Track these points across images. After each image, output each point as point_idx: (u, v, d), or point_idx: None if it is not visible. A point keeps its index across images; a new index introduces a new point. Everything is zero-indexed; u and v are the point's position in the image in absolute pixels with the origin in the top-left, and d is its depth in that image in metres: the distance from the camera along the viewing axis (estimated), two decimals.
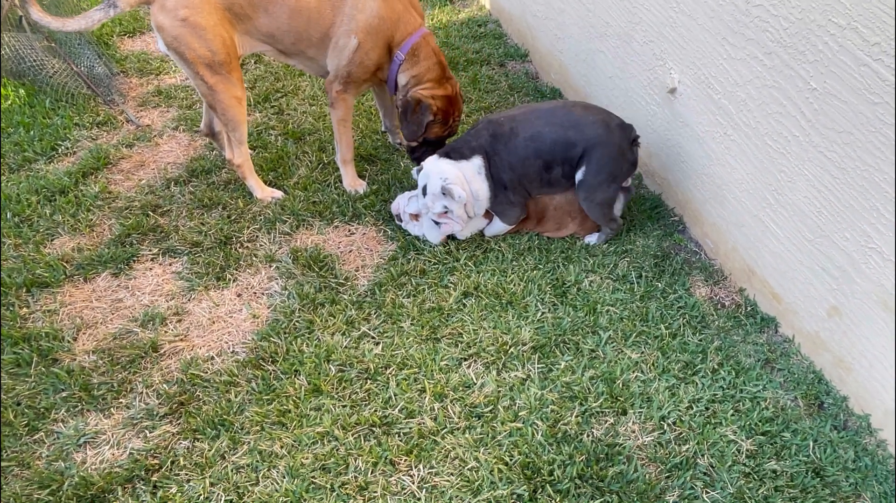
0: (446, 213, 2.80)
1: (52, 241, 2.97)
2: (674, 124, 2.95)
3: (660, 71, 2.96)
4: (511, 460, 2.07)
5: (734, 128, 2.55)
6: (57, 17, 2.74)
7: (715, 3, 2.51)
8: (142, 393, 2.31)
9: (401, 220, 3.04)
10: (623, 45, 3.24)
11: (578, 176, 2.77)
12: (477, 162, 2.80)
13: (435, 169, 2.77)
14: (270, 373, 2.37)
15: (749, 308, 2.67)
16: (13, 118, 3.75)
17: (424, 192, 2.79)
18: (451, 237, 2.97)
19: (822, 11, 2.04)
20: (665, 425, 2.19)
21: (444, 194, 2.73)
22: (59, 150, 3.56)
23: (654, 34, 2.95)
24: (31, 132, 3.65)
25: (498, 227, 2.98)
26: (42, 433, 2.19)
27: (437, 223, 2.89)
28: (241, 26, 2.82)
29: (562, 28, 3.91)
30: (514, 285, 2.72)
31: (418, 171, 2.87)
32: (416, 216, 2.96)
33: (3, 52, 4.03)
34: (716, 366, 2.40)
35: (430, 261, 2.86)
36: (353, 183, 3.29)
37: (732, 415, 2.23)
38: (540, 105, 2.93)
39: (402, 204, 3.00)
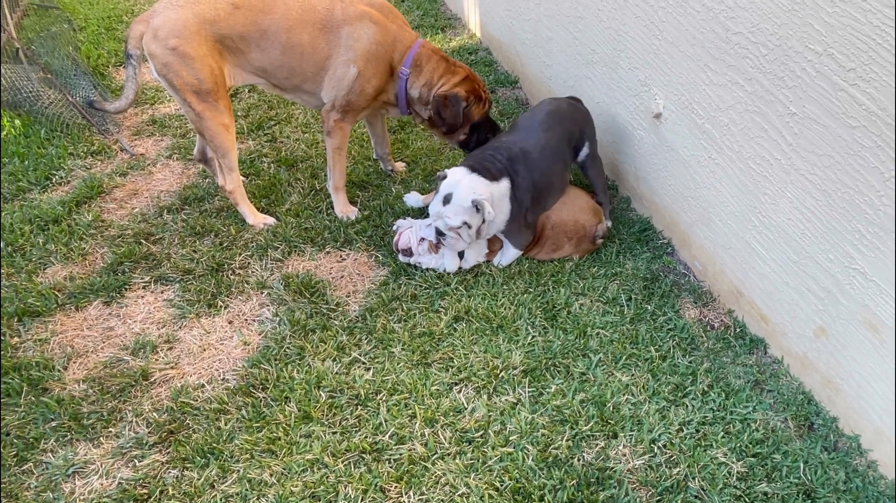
0: (459, 228, 2.73)
1: (44, 270, 2.98)
2: (660, 148, 2.99)
3: (645, 97, 3.01)
4: (502, 485, 2.06)
5: (718, 151, 2.59)
6: (118, 98, 3.02)
7: (696, 30, 2.57)
8: (131, 422, 2.30)
9: (408, 256, 2.95)
10: (609, 72, 3.30)
11: (582, 155, 3.13)
12: (505, 184, 2.81)
13: (468, 182, 2.72)
14: (261, 401, 2.36)
15: (738, 329, 2.68)
16: (9, 148, 3.79)
17: (446, 201, 2.72)
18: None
19: (799, 38, 2.10)
20: (656, 448, 2.19)
21: (475, 209, 2.70)
22: (54, 180, 3.59)
23: (638, 61, 3.01)
24: (26, 162, 3.69)
25: (511, 253, 2.98)
26: (31, 464, 2.17)
27: (440, 237, 2.80)
28: (233, 59, 2.87)
29: (550, 55, 3.98)
30: (505, 309, 2.74)
31: (441, 179, 2.81)
32: (435, 246, 2.89)
33: (1, 83, 4.08)
34: (706, 388, 2.41)
35: (421, 286, 2.87)
36: (344, 209, 3.32)
37: (723, 437, 2.23)
38: (524, 122, 3.04)
39: (414, 236, 2.92)
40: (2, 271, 2.94)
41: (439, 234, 2.80)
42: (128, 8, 6.12)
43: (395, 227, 3.17)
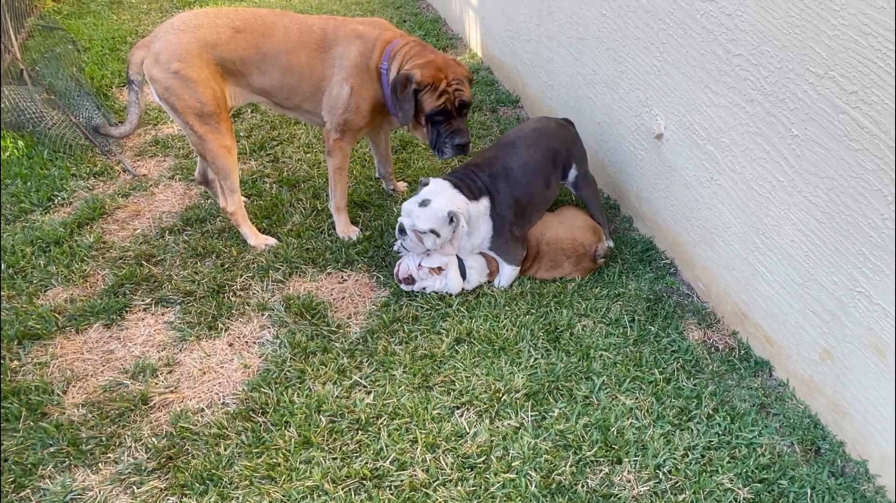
0: (423, 234, 2.74)
1: (45, 292, 2.97)
2: (662, 169, 2.99)
3: (646, 117, 3.02)
4: None
5: (720, 172, 2.59)
6: (122, 124, 3.06)
7: (697, 52, 2.58)
8: (130, 447, 2.28)
9: (409, 284, 2.91)
10: (610, 93, 3.30)
11: (572, 177, 3.14)
12: (485, 203, 2.86)
13: (449, 195, 2.76)
14: (260, 425, 2.34)
15: (742, 351, 2.65)
16: (11, 170, 3.80)
17: (422, 205, 2.72)
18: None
19: (800, 61, 2.10)
20: (661, 474, 2.16)
21: (449, 220, 2.71)
22: (56, 201, 3.59)
23: (639, 82, 3.01)
24: (29, 183, 3.69)
25: (508, 273, 2.96)
26: (29, 490, 2.15)
27: (401, 234, 2.80)
28: (234, 81, 2.89)
29: (551, 76, 4.00)
30: (507, 331, 2.72)
31: (423, 185, 2.83)
32: (438, 269, 2.86)
33: (3, 104, 4.11)
34: (711, 412, 2.38)
35: (422, 307, 2.86)
36: (345, 230, 3.31)
37: (729, 462, 2.20)
38: (509, 138, 3.07)
39: (413, 263, 2.89)
40: (2, 293, 2.94)
41: (401, 231, 2.81)
42: (132, 29, 6.17)
43: (395, 248, 3.17)
